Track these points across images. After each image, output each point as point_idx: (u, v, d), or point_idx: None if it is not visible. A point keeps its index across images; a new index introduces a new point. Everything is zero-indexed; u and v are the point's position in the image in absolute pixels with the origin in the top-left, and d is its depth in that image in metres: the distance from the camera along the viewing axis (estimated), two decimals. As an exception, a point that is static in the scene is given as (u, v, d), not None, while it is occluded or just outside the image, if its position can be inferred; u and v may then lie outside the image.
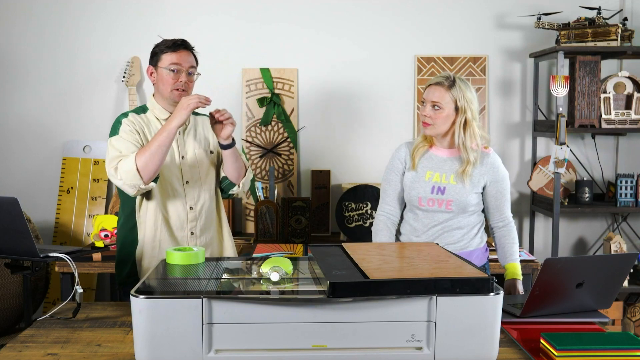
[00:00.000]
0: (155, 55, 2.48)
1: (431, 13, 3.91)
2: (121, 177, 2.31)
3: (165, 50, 2.45)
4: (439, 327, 1.54)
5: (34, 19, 3.85)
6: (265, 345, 1.55)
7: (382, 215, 2.57)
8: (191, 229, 2.51)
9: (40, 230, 3.82)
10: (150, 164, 2.29)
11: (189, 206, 2.50)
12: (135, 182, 2.30)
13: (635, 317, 3.73)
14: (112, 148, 2.38)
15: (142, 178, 2.29)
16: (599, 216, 4.07)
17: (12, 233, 2.24)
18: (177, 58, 2.44)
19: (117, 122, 2.46)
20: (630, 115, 3.73)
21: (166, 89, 2.45)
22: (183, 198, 2.49)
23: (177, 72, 2.44)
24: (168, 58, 2.44)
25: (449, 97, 2.42)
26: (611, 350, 1.66)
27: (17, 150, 3.91)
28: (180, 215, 2.49)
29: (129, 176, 2.29)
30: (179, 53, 2.45)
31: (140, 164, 2.28)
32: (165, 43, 2.48)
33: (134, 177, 2.29)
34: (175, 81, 2.44)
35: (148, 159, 2.28)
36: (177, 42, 2.47)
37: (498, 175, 2.49)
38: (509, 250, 2.51)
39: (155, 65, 2.47)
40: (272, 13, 3.87)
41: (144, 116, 2.51)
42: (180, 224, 2.49)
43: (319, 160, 3.96)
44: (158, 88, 2.50)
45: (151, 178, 2.32)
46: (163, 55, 2.45)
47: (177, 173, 2.49)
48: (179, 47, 2.46)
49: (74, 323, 2.00)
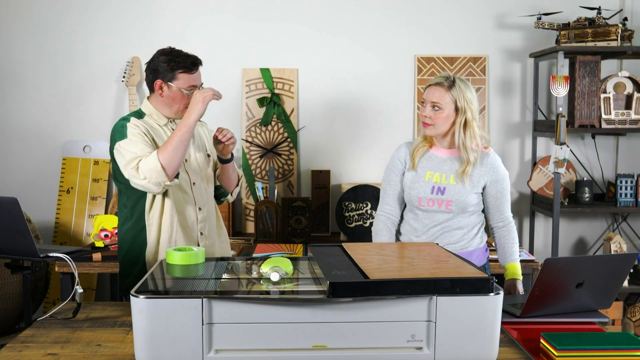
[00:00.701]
0: (169, 73, 2.42)
1: (431, 13, 3.91)
2: (145, 176, 2.29)
3: (181, 70, 2.42)
4: (439, 327, 1.54)
5: (34, 19, 3.85)
6: (265, 345, 1.55)
7: (382, 215, 2.57)
8: (201, 230, 2.53)
9: (40, 230, 3.82)
10: (173, 160, 2.29)
11: (198, 207, 2.52)
12: (161, 179, 2.29)
13: (635, 317, 3.73)
14: (126, 151, 2.34)
15: (167, 174, 2.29)
16: (599, 216, 4.07)
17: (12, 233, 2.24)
18: (194, 80, 2.44)
19: (121, 126, 2.41)
20: (630, 115, 3.73)
21: (179, 107, 2.46)
22: (192, 199, 2.52)
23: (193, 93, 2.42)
24: (185, 79, 2.42)
25: (449, 97, 2.41)
26: (611, 350, 1.66)
27: (17, 151, 3.91)
28: (191, 216, 2.51)
29: (154, 174, 2.28)
30: (195, 73, 2.45)
31: (164, 161, 2.28)
32: (180, 61, 2.42)
33: (159, 175, 2.28)
34: (188, 100, 2.43)
35: (171, 155, 2.29)
36: (195, 61, 2.45)
37: (498, 175, 2.49)
38: (509, 250, 2.51)
39: (169, 82, 2.43)
40: (272, 13, 3.88)
41: (143, 121, 2.48)
42: (191, 224, 2.51)
43: (319, 160, 3.96)
44: (167, 103, 2.46)
45: (174, 174, 2.34)
46: (179, 74, 2.42)
47: (184, 174, 2.50)
48: (196, 66, 2.45)
49: (74, 323, 2.00)
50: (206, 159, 2.59)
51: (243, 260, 2.01)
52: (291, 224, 3.70)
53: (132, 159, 2.32)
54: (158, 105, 2.49)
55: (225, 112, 3.89)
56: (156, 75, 2.44)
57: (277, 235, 3.65)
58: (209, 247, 2.56)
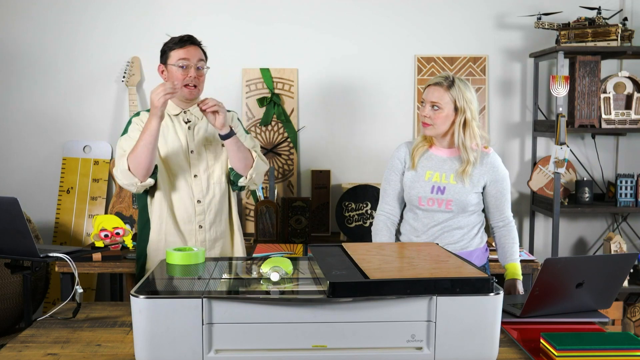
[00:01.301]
0: (164, 54, 2.52)
1: (431, 13, 3.91)
2: (119, 177, 2.43)
3: (173, 47, 2.49)
4: (439, 327, 1.54)
5: (34, 19, 3.85)
6: (265, 345, 1.55)
7: (382, 215, 2.57)
8: (199, 223, 2.55)
9: (40, 230, 3.82)
10: (139, 163, 2.37)
11: (196, 200, 2.54)
12: (131, 180, 2.41)
13: (635, 317, 3.73)
14: (119, 147, 2.50)
15: (135, 176, 2.39)
16: (599, 216, 4.07)
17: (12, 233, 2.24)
18: (184, 53, 2.48)
19: (129, 122, 2.55)
20: (630, 115, 3.73)
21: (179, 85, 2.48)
22: (190, 192, 2.53)
23: (186, 68, 2.47)
24: (176, 54, 2.48)
25: (448, 97, 2.41)
26: (611, 350, 1.66)
27: (17, 150, 3.91)
28: (187, 208, 2.53)
29: (124, 175, 2.41)
30: (186, 48, 2.49)
31: (131, 164, 2.38)
32: (172, 40, 2.52)
33: (128, 176, 2.40)
34: (185, 76, 2.48)
35: (137, 159, 2.37)
36: (184, 37, 2.51)
37: (498, 175, 2.49)
38: (509, 250, 2.51)
39: (165, 63, 2.52)
40: (272, 13, 3.87)
41: None
42: (187, 217, 2.54)
43: (319, 160, 3.96)
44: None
45: (146, 175, 2.41)
46: (171, 52, 2.50)
47: (185, 167, 2.54)
48: (186, 42, 2.50)
49: (74, 323, 2.00)
50: (218, 149, 2.59)
51: (243, 260, 2.01)
52: (291, 224, 3.70)
53: (119, 157, 2.45)
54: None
55: (225, 112, 3.89)
56: (160, 62, 2.55)
57: (277, 235, 3.65)
58: (211, 241, 2.57)
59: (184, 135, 2.55)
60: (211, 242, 2.57)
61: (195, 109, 2.57)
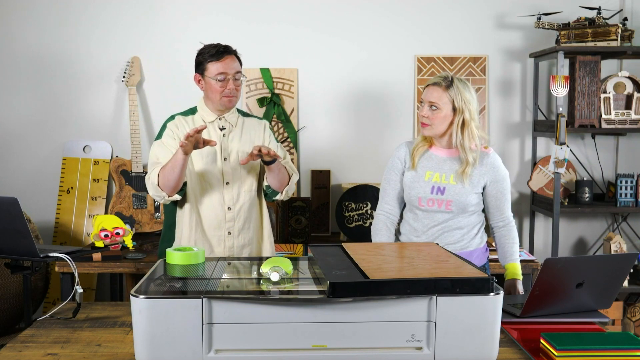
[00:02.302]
0: (201, 65, 2.54)
1: (431, 13, 3.91)
2: (149, 187, 2.50)
3: (210, 60, 2.51)
4: (439, 327, 1.54)
5: (34, 18, 3.85)
6: (265, 345, 1.55)
7: (382, 215, 2.56)
8: (228, 229, 2.57)
9: (40, 230, 3.82)
10: (167, 182, 2.42)
11: (227, 207, 2.56)
12: (159, 194, 2.47)
13: (635, 317, 3.73)
14: (152, 154, 2.54)
15: (164, 191, 2.44)
16: (599, 216, 4.07)
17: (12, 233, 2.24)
18: (222, 67, 2.51)
19: (163, 126, 2.59)
20: (630, 115, 3.73)
21: (215, 97, 2.53)
22: (222, 199, 2.56)
23: (224, 81, 2.50)
24: (214, 67, 2.50)
25: (447, 97, 2.41)
26: (611, 350, 1.66)
27: (17, 150, 3.91)
28: (217, 215, 2.56)
29: (152, 189, 2.48)
30: (224, 61, 2.51)
31: (161, 181, 2.44)
32: (208, 51, 2.53)
33: (157, 190, 2.46)
34: (224, 89, 2.52)
35: (165, 177, 2.42)
36: (220, 49, 2.52)
37: (498, 175, 2.48)
38: (509, 250, 2.51)
39: (202, 74, 2.54)
40: (272, 13, 3.87)
41: (191, 118, 2.60)
42: (217, 223, 2.56)
43: (319, 160, 3.96)
44: (207, 95, 2.57)
45: (174, 191, 2.45)
46: (208, 64, 2.51)
47: (217, 174, 2.56)
48: (223, 54, 2.52)
49: (74, 323, 2.00)
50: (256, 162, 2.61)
51: (243, 260, 2.01)
52: (291, 224, 3.70)
53: (151, 164, 2.50)
54: (206, 100, 2.61)
55: (225, 112, 3.89)
56: (196, 71, 2.58)
57: (277, 235, 3.65)
58: (239, 247, 2.59)
59: (219, 142, 2.56)
60: (239, 248, 2.60)
61: (230, 116, 2.61)
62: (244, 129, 2.63)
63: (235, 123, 2.61)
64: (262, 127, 2.69)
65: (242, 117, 2.66)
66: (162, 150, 2.50)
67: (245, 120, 2.67)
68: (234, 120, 2.61)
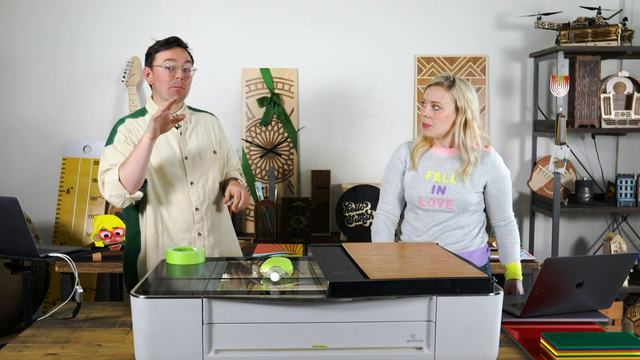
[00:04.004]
0: (150, 56, 2.49)
1: (431, 13, 3.91)
2: (107, 189, 2.35)
3: (159, 49, 2.46)
4: (439, 327, 1.54)
5: (34, 18, 3.85)
6: (265, 345, 1.55)
7: (382, 215, 2.57)
8: (198, 230, 2.50)
9: (40, 230, 3.82)
10: (131, 176, 2.30)
11: (194, 207, 2.49)
12: (119, 192, 2.32)
13: (635, 317, 3.73)
14: (104, 160, 2.41)
15: (126, 188, 2.32)
16: (599, 216, 4.07)
17: (12, 233, 2.24)
18: (171, 54, 2.45)
19: (114, 130, 2.47)
20: (630, 115, 3.73)
21: (163, 87, 2.45)
22: (187, 199, 2.48)
23: (172, 69, 2.44)
24: (162, 56, 2.45)
25: (449, 97, 2.41)
26: (611, 350, 1.66)
27: (17, 150, 3.91)
28: (186, 217, 2.48)
29: (112, 186, 2.32)
30: (172, 50, 2.46)
31: (123, 176, 2.30)
32: (158, 43, 2.49)
33: (119, 187, 2.31)
34: (172, 78, 2.44)
35: (128, 171, 2.30)
36: (170, 39, 2.48)
37: (499, 174, 2.48)
38: (510, 250, 2.51)
39: (151, 65, 2.48)
40: (272, 13, 3.87)
41: (142, 120, 2.49)
42: (186, 226, 2.48)
43: (319, 160, 3.96)
44: (156, 88, 2.49)
45: (135, 187, 2.33)
46: (157, 54, 2.46)
47: (180, 174, 2.48)
48: (172, 44, 2.47)
49: (74, 323, 2.00)
50: (211, 155, 2.56)
51: (243, 260, 2.01)
52: (291, 224, 3.70)
53: (103, 170, 2.38)
54: (155, 97, 2.52)
55: (225, 112, 3.88)
56: (145, 65, 2.52)
57: (277, 235, 3.65)
58: (210, 247, 2.53)
59: (177, 141, 2.49)
60: (210, 248, 2.53)
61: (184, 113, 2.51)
62: (199, 125, 2.56)
63: (189, 120, 2.54)
64: (217, 124, 2.64)
65: (194, 113, 2.60)
66: (115, 156, 2.38)
67: (198, 116, 2.60)
68: (188, 117, 2.54)
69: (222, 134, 2.65)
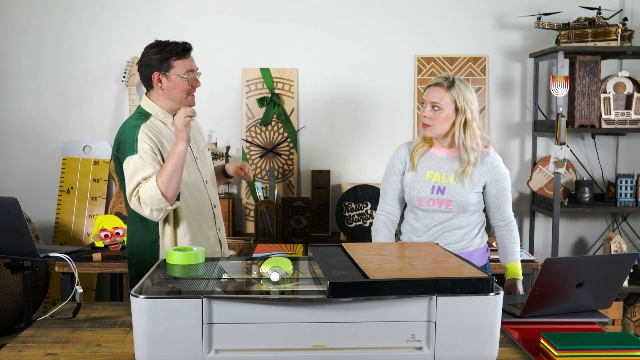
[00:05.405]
0: (165, 62, 2.39)
1: (431, 13, 3.91)
2: (147, 204, 2.25)
3: (177, 57, 2.40)
4: (439, 327, 1.54)
5: (34, 19, 3.85)
6: (265, 345, 1.55)
7: (382, 215, 2.57)
8: (218, 226, 2.57)
9: (40, 230, 3.82)
10: (170, 187, 2.24)
11: (213, 204, 2.55)
12: (162, 205, 2.25)
13: (635, 317, 3.73)
14: (133, 173, 2.29)
15: (167, 200, 2.25)
16: (599, 216, 4.07)
17: (12, 233, 2.24)
18: (190, 64, 2.43)
19: (132, 138, 2.32)
20: (630, 115, 3.73)
21: (181, 95, 2.42)
22: (207, 198, 2.53)
23: (192, 78, 2.43)
24: (181, 65, 2.40)
25: (449, 97, 2.41)
26: (611, 350, 1.66)
27: (17, 150, 3.91)
28: (209, 215, 2.53)
29: (155, 201, 2.24)
30: (190, 58, 2.45)
31: (163, 188, 2.23)
32: (172, 49, 2.40)
33: (160, 201, 2.24)
34: (191, 87, 2.44)
35: (168, 182, 2.24)
36: (187, 46, 2.43)
37: (498, 174, 2.48)
38: (510, 250, 2.51)
39: (166, 72, 2.40)
40: (272, 13, 3.87)
41: (152, 124, 2.40)
42: (211, 222, 2.54)
43: (319, 160, 3.96)
44: (169, 94, 2.42)
45: (174, 198, 2.29)
46: (175, 62, 2.39)
47: (196, 176, 2.50)
48: (189, 50, 2.44)
49: (74, 323, 2.00)
50: (208, 152, 2.64)
51: (243, 260, 2.01)
52: (291, 224, 3.70)
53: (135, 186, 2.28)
54: (160, 101, 2.45)
55: (225, 112, 3.89)
56: (151, 70, 2.41)
57: (277, 235, 3.65)
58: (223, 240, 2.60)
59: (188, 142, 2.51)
60: (223, 240, 2.61)
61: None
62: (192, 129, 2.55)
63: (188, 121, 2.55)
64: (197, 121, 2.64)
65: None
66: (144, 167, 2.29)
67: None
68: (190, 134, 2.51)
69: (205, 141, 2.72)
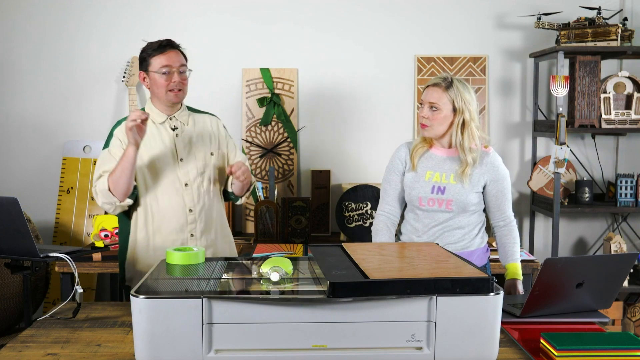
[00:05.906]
0: (144, 61, 2.47)
1: (431, 13, 3.91)
2: (99, 197, 2.41)
3: (153, 54, 2.44)
4: (439, 327, 1.54)
5: (34, 18, 3.85)
6: (265, 345, 1.55)
7: (382, 215, 2.57)
8: (191, 231, 2.49)
9: (40, 230, 3.82)
10: (118, 185, 2.37)
11: (188, 209, 2.48)
12: (109, 200, 2.39)
13: (635, 317, 3.73)
14: (98, 165, 2.46)
15: (115, 196, 2.38)
16: (599, 216, 4.07)
17: (12, 233, 2.23)
18: (166, 60, 2.43)
19: (111, 133, 2.51)
20: (630, 115, 3.73)
21: (161, 91, 2.45)
22: (182, 201, 2.48)
23: (169, 74, 2.43)
24: (157, 61, 2.43)
25: (447, 98, 2.41)
26: (611, 350, 1.66)
27: (17, 150, 3.91)
28: (179, 218, 2.47)
29: (102, 196, 2.40)
30: (167, 54, 2.44)
31: (111, 185, 2.38)
32: (151, 46, 2.47)
33: (107, 197, 2.39)
34: (169, 82, 2.43)
35: (116, 181, 2.36)
36: (163, 43, 2.46)
37: (498, 174, 2.48)
38: (510, 250, 2.51)
39: (146, 70, 2.47)
40: (272, 13, 3.88)
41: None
42: (179, 226, 2.48)
43: (319, 160, 3.96)
44: (153, 92, 2.49)
45: (124, 196, 2.39)
46: (152, 59, 2.44)
47: (174, 177, 2.48)
48: (166, 47, 2.45)
49: (74, 323, 2.00)
50: (208, 156, 2.54)
51: (243, 260, 2.01)
52: (291, 224, 3.70)
53: (96, 178, 2.44)
54: (153, 100, 2.53)
55: (225, 112, 3.89)
56: (140, 69, 2.51)
57: (277, 235, 3.65)
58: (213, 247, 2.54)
59: (172, 142, 2.49)
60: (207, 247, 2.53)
61: (181, 115, 2.52)
62: (196, 126, 2.55)
63: (186, 121, 2.53)
64: (216, 124, 2.61)
65: (192, 114, 2.58)
66: (109, 161, 2.42)
67: (196, 117, 2.58)
68: (184, 118, 2.53)
69: (223, 134, 2.63)
